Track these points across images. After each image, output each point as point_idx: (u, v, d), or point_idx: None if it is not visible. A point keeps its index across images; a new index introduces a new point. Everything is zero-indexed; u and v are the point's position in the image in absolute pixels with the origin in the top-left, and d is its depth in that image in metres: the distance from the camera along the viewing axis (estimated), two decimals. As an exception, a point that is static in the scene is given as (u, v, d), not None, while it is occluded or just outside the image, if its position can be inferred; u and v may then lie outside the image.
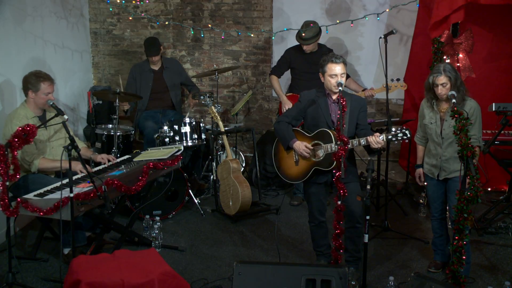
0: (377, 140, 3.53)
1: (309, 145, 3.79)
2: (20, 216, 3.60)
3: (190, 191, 5.26)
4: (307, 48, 5.46)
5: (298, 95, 5.36)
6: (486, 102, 4.87)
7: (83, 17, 6.60)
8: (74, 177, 3.87)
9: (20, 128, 3.48)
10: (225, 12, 6.66)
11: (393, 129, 3.59)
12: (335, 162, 3.54)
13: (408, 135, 3.54)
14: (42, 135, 4.16)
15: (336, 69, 3.69)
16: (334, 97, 3.77)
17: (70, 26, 6.17)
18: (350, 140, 3.58)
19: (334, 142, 3.63)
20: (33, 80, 4.11)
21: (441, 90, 3.76)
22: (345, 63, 3.75)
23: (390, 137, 3.55)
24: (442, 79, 3.74)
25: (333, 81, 3.70)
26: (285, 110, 5.48)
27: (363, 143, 3.60)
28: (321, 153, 3.74)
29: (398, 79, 5.29)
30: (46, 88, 4.13)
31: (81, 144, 4.49)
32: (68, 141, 3.54)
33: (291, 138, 3.86)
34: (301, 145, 3.80)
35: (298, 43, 5.55)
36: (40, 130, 3.90)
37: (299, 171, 3.91)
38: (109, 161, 4.38)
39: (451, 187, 3.83)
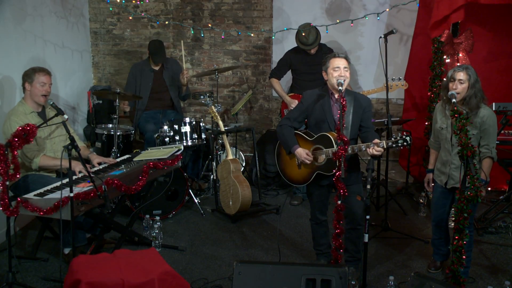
0: (377, 149, 3.50)
1: (310, 154, 3.77)
2: (20, 215, 3.60)
3: (190, 190, 5.26)
4: (313, 50, 5.46)
5: (300, 94, 5.39)
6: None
7: (83, 17, 6.60)
8: (74, 177, 3.87)
9: (20, 128, 3.48)
10: (225, 12, 6.66)
11: (393, 136, 3.55)
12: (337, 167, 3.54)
13: (409, 142, 3.48)
14: (42, 131, 4.17)
15: (339, 62, 3.68)
16: (337, 95, 3.73)
17: (70, 25, 6.17)
18: (350, 146, 3.56)
19: (335, 146, 3.61)
20: (29, 72, 4.20)
21: (456, 86, 3.61)
22: (347, 59, 3.74)
23: (390, 144, 3.52)
24: (461, 75, 3.62)
25: (336, 73, 3.67)
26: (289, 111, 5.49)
27: (364, 149, 3.59)
28: (322, 157, 3.73)
29: (399, 78, 5.29)
30: (42, 78, 4.16)
31: (80, 144, 4.49)
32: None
33: (293, 144, 3.84)
34: (302, 153, 3.78)
35: (297, 45, 5.55)
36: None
37: (302, 175, 3.90)
38: (100, 164, 4.35)
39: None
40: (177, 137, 5.26)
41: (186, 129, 5.29)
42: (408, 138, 3.48)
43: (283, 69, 5.68)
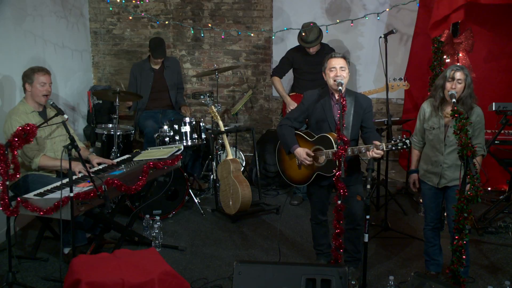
0: (376, 151, 3.49)
1: (311, 153, 3.76)
2: (20, 215, 3.60)
3: (190, 190, 5.26)
4: (313, 50, 5.45)
5: (301, 94, 5.38)
6: (486, 101, 4.87)
7: (83, 17, 6.60)
8: (74, 177, 3.87)
9: (20, 128, 3.48)
10: (225, 12, 6.66)
11: (393, 139, 3.55)
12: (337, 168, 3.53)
13: (408, 145, 3.48)
14: (43, 130, 4.17)
15: (335, 63, 3.67)
16: (337, 96, 3.71)
17: (70, 25, 6.17)
18: (349, 148, 3.56)
19: (335, 147, 3.60)
20: (29, 72, 4.19)
21: (455, 85, 3.59)
22: (345, 58, 3.73)
23: (389, 146, 3.52)
24: (459, 74, 3.60)
25: (332, 74, 3.67)
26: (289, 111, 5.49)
27: (363, 151, 3.58)
28: (323, 158, 3.73)
29: (400, 79, 5.28)
30: (41, 78, 4.16)
31: (79, 144, 4.48)
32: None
33: (293, 143, 3.83)
34: (302, 153, 3.76)
35: (298, 42, 5.54)
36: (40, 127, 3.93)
37: (302, 175, 3.90)
38: (99, 164, 4.34)
39: (450, 196, 3.69)
40: (177, 137, 5.25)
41: (186, 129, 5.29)
42: (407, 141, 3.47)
43: (284, 67, 5.66)
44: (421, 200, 5.22)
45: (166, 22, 6.52)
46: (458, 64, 3.77)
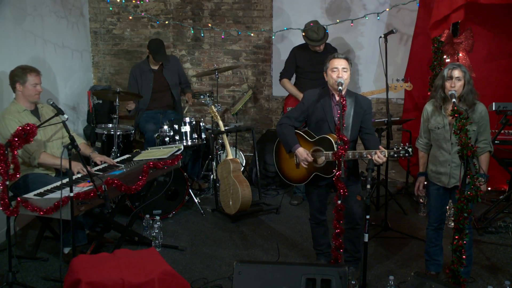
0: (379, 155, 3.49)
1: (310, 155, 3.76)
2: (20, 215, 3.60)
3: (190, 190, 5.26)
4: (321, 47, 5.45)
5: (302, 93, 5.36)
6: (486, 101, 4.83)
7: (83, 17, 6.60)
8: (74, 177, 3.87)
9: (20, 128, 3.48)
10: (225, 12, 6.66)
11: (395, 146, 3.53)
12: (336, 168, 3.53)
13: (411, 153, 3.46)
14: (38, 133, 4.17)
15: (337, 63, 3.67)
16: (338, 96, 3.71)
17: (70, 25, 6.17)
18: (351, 152, 3.57)
19: (335, 149, 3.59)
20: (20, 72, 4.17)
21: (454, 84, 3.58)
22: (348, 60, 3.73)
23: (392, 153, 3.51)
24: (457, 72, 3.60)
25: (334, 75, 3.66)
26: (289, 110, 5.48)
27: (365, 155, 3.58)
28: (322, 159, 3.72)
29: (403, 79, 5.28)
30: (33, 79, 4.17)
31: (80, 141, 4.46)
32: (66, 139, 3.55)
33: (294, 143, 3.82)
34: (303, 154, 3.75)
35: (303, 42, 5.53)
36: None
37: (300, 175, 3.89)
38: (103, 162, 4.36)
39: None
40: (177, 137, 5.25)
41: (186, 129, 5.29)
42: (410, 150, 3.45)
43: (291, 67, 5.62)
44: (421, 200, 5.22)
45: (166, 22, 6.52)
46: (454, 62, 3.76)
